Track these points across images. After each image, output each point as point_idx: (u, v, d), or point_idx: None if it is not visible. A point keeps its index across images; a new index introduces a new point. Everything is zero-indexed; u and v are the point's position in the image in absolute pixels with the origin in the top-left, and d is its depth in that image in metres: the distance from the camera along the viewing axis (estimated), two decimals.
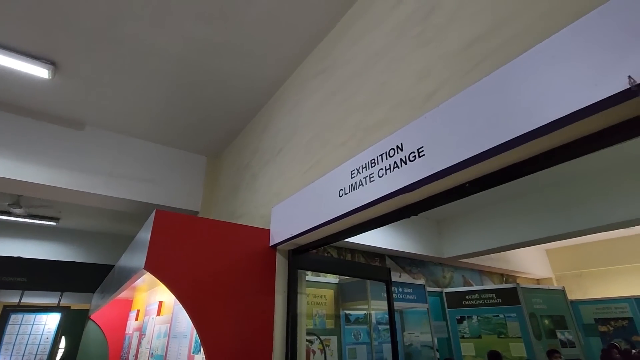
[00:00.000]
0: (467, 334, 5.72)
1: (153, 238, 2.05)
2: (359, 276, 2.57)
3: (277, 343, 2.23)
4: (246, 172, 3.58)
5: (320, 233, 2.14)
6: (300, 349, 2.25)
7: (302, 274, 2.47)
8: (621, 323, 7.67)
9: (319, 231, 2.10)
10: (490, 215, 6.62)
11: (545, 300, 5.70)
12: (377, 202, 1.67)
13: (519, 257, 9.25)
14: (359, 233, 2.02)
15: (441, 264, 7.66)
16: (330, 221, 1.94)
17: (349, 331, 4.77)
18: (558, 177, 5.50)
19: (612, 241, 9.29)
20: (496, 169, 1.37)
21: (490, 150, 1.24)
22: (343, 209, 1.85)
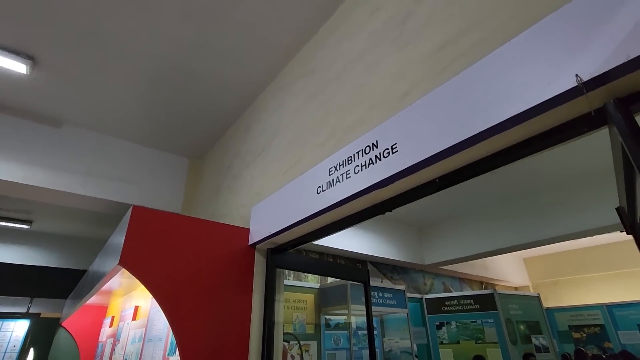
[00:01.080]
0: (446, 339, 5.78)
1: (129, 233, 2.03)
2: (337, 276, 2.60)
3: (253, 343, 2.22)
4: (228, 174, 3.58)
5: (298, 231, 2.16)
6: (277, 349, 2.25)
7: (281, 274, 2.48)
8: (594, 330, 7.91)
9: (297, 229, 2.12)
10: (470, 222, 6.79)
11: (521, 306, 5.84)
12: (353, 197, 1.72)
13: (497, 265, 9.46)
14: (336, 231, 2.06)
15: (422, 271, 7.75)
16: (308, 218, 1.97)
17: (328, 336, 4.75)
18: (535, 185, 5.71)
19: (585, 250, 9.63)
20: (463, 164, 1.44)
21: (458, 145, 1.30)
22: (321, 205, 1.88)
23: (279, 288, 2.38)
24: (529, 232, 5.85)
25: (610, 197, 5.08)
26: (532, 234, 5.82)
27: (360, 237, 6.55)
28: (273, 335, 2.24)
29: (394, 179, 1.54)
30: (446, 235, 7.11)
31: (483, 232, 6.49)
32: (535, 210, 5.84)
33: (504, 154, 1.31)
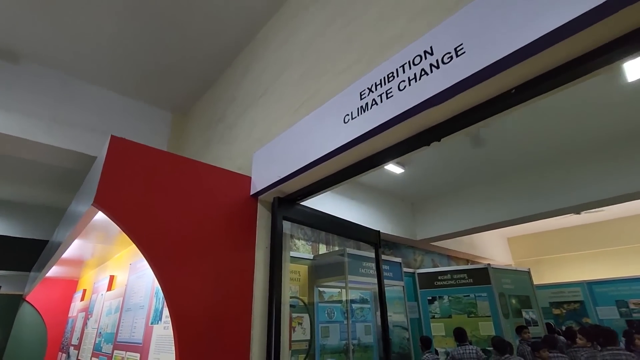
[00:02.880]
0: (437, 314, 5.69)
1: (107, 166, 1.62)
2: (348, 235, 2.28)
3: (257, 305, 1.89)
4: (220, 125, 3.15)
5: (315, 174, 1.81)
6: (284, 314, 1.92)
7: (287, 229, 2.13)
8: (573, 306, 8.12)
9: (314, 171, 1.77)
10: (463, 198, 6.66)
11: (513, 281, 5.81)
12: (395, 121, 1.38)
13: (483, 244, 9.50)
14: (362, 171, 1.72)
15: (413, 247, 7.63)
16: (330, 155, 1.62)
17: (322, 309, 4.52)
18: (525, 162, 5.62)
19: (567, 230, 9.84)
20: (551, 67, 1.12)
21: (544, 39, 0.98)
22: (350, 136, 1.53)
23: (285, 244, 2.03)
24: (519, 208, 5.81)
25: (599, 173, 5.07)
26: (521, 209, 5.78)
27: (353, 208, 6.29)
28: (280, 297, 1.91)
29: (455, 91, 1.21)
30: (438, 210, 6.96)
31: (475, 208, 6.39)
32: (526, 186, 5.78)
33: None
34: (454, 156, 5.52)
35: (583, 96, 4.10)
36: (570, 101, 4.22)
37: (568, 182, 5.42)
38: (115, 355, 2.89)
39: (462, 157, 5.59)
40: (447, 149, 5.23)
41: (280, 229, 2.00)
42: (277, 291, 1.89)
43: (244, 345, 1.76)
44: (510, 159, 5.70)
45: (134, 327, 2.71)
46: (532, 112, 4.39)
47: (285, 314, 1.94)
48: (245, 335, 1.78)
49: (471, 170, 6.08)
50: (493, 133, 4.77)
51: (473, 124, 1.37)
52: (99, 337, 3.54)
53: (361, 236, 2.56)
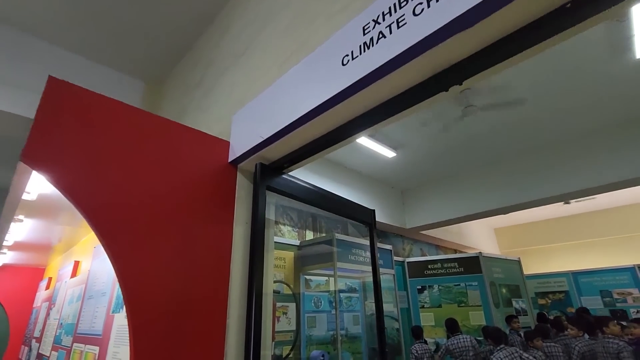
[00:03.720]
0: (427, 303, 5.52)
1: (42, 114, 1.27)
2: (339, 212, 1.99)
3: (234, 290, 1.59)
4: (197, 91, 2.80)
5: (305, 133, 1.51)
6: (267, 299, 1.63)
7: (271, 203, 1.83)
8: (558, 296, 8.13)
9: (305, 129, 1.47)
10: (452, 186, 6.49)
11: (504, 270, 5.69)
12: (409, 55, 1.09)
13: (471, 234, 9.43)
14: (364, 128, 1.44)
15: (401, 236, 7.45)
16: (326, 104, 1.32)
17: (308, 298, 4.26)
18: (515, 150, 5.49)
19: (552, 221, 9.87)
20: None
21: None
22: (351, 78, 1.24)
23: (269, 219, 1.74)
24: (509, 196, 5.68)
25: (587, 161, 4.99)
26: (511, 198, 5.66)
27: (342, 194, 6.00)
28: (262, 280, 1.62)
29: (493, 6, 0.92)
30: (428, 199, 6.78)
31: (465, 196, 6.23)
32: (516, 174, 5.66)
33: None
34: (445, 142, 5.31)
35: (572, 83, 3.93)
36: (559, 88, 4.04)
37: (556, 170, 5.35)
38: (74, 349, 2.55)
39: (453, 143, 5.40)
40: (438, 134, 5.00)
41: (264, 201, 1.70)
42: (259, 274, 1.60)
43: (217, 335, 1.47)
44: (501, 148, 5.58)
45: (94, 317, 2.38)
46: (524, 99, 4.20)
47: (268, 300, 1.65)
48: (220, 324, 1.49)
49: (462, 158, 5.92)
50: (485, 119, 4.58)
51: (504, 60, 1.09)
52: (59, 329, 3.19)
53: (355, 214, 2.28)
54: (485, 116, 4.56)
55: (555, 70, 3.79)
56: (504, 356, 3.45)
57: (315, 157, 1.71)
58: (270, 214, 1.79)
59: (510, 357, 3.43)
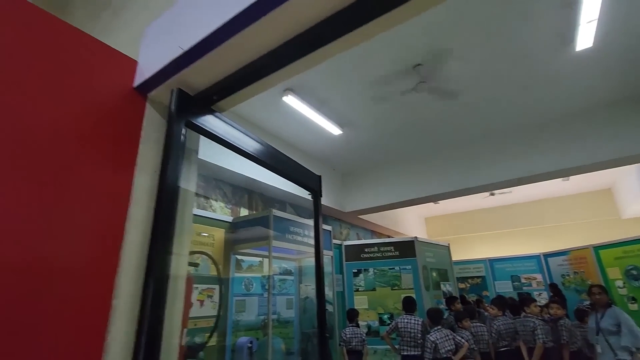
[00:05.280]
0: (362, 287, 5.46)
1: None
2: (280, 171, 1.63)
3: (128, 260, 1.13)
4: (104, 13, 2.17)
5: (237, 50, 1.10)
6: (177, 276, 1.21)
7: (193, 150, 1.39)
8: (476, 281, 8.80)
9: (238, 42, 1.05)
10: (390, 173, 6.51)
11: (435, 255, 5.86)
12: None
13: (406, 221, 9.75)
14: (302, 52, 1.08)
15: (339, 220, 7.33)
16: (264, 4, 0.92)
17: (239, 280, 3.84)
18: (455, 139, 5.65)
19: (475, 212, 10.66)
20: None
21: None
22: None
23: (189, 168, 1.30)
24: (443, 184, 5.88)
25: (513, 154, 5.33)
26: (445, 186, 5.86)
27: None
28: (171, 250, 1.18)
29: None
30: (368, 183, 6.72)
31: (403, 182, 6.29)
32: (449, 164, 5.87)
33: None
34: (391, 125, 5.21)
35: (513, 75, 4.03)
36: (498, 79, 4.13)
37: (484, 162, 5.64)
38: None
39: (398, 128, 5.35)
40: (387, 113, 4.86)
41: (181, 142, 1.24)
42: (166, 242, 1.15)
43: (96, 320, 1.01)
44: (438, 138, 5.70)
45: None
46: (467, 93, 4.22)
47: (179, 278, 1.22)
48: (101, 305, 1.03)
49: (403, 145, 5.93)
50: (430, 108, 4.54)
51: None
52: None
53: (299, 177, 1.92)
54: (430, 104, 4.52)
55: (497, 60, 3.80)
56: (439, 337, 3.45)
57: (251, 92, 1.30)
58: (191, 164, 1.35)
59: (444, 338, 3.44)
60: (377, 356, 4.91)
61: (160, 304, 1.09)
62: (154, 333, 1.02)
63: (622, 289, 6.02)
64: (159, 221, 1.17)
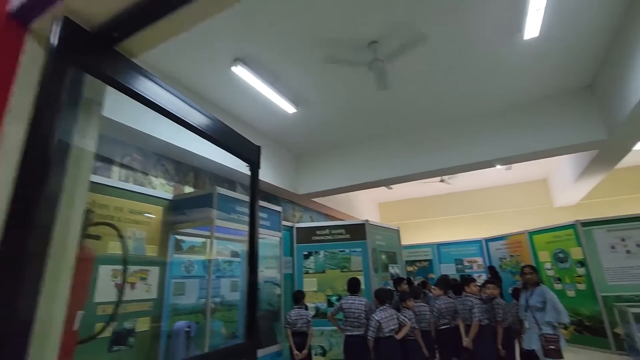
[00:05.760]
0: (311, 269, 5.42)
1: None
2: (210, 137, 1.42)
3: None
4: None
5: None
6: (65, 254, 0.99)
7: (94, 101, 1.16)
8: (424, 264, 9.20)
9: None
10: (345, 156, 6.47)
11: (385, 238, 5.96)
12: None
13: (358, 206, 9.86)
14: None
15: (292, 203, 7.20)
16: None
17: (178, 262, 3.59)
18: (408, 124, 5.72)
19: (426, 198, 11.07)
20: None
21: None
22: None
23: (87, 124, 1.07)
24: (396, 168, 5.97)
25: (464, 142, 5.52)
26: (398, 170, 5.95)
27: None
28: (51, 217, 0.96)
29: None
30: (322, 166, 6.64)
31: (358, 166, 6.29)
32: (404, 149, 5.96)
33: None
34: (345, 105, 5.12)
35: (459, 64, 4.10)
36: (450, 69, 4.18)
37: (436, 147, 5.78)
38: None
39: (353, 108, 5.28)
40: (341, 91, 4.75)
41: (67, 85, 1.00)
42: (33, 207, 0.92)
43: None
44: (392, 122, 5.74)
45: None
46: (419, 79, 4.23)
47: (68, 255, 1.01)
48: None
49: (358, 128, 5.89)
50: (387, 92, 4.51)
51: None
52: None
53: (234, 146, 1.74)
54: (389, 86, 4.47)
55: (450, 45, 3.81)
56: (383, 316, 3.49)
57: (160, 34, 1.09)
58: (89, 117, 1.12)
59: (388, 317, 3.49)
60: (324, 337, 4.93)
61: (29, 287, 0.87)
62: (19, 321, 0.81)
63: (550, 270, 6.58)
64: (24, 184, 0.93)
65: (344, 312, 3.69)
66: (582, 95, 4.79)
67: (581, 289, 5.92)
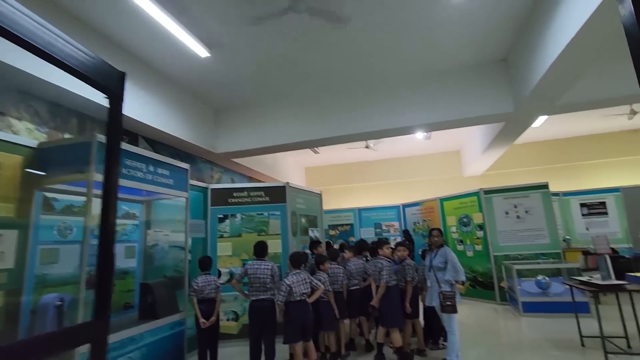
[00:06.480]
0: (227, 233, 5.06)
1: None
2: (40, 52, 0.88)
3: None
4: None
5: None
6: None
7: None
8: (345, 227, 9.45)
9: None
10: (268, 113, 6.04)
11: (306, 201, 5.82)
12: None
13: (284, 169, 9.58)
14: None
15: (211, 162, 6.61)
16: None
17: (48, 224, 2.93)
18: (332, 84, 5.49)
19: (352, 164, 11.23)
20: None
21: None
22: None
23: None
24: (321, 130, 5.78)
25: (389, 105, 5.52)
26: (322, 131, 5.78)
27: (142, 100, 4.52)
28: None
29: None
30: (244, 123, 6.12)
31: (281, 125, 5.93)
32: (329, 110, 5.77)
33: None
34: (268, 53, 4.64)
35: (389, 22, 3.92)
36: (378, 25, 3.98)
37: (362, 111, 5.67)
38: None
39: (277, 60, 4.83)
40: (264, 40, 4.25)
41: None
42: None
43: None
44: (321, 81, 5.44)
45: None
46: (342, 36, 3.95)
47: None
48: None
49: (282, 83, 5.47)
50: (309, 41, 4.14)
51: None
52: None
53: (83, 68, 1.24)
54: (308, 32, 4.09)
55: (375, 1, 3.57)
56: (295, 280, 3.35)
57: None
58: None
59: (300, 281, 3.36)
60: (238, 302, 4.72)
61: None
62: None
63: (454, 233, 7.20)
64: None
65: (249, 277, 3.48)
66: (498, 68, 5.01)
67: (478, 250, 6.59)
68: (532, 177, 9.07)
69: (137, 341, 2.89)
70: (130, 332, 2.84)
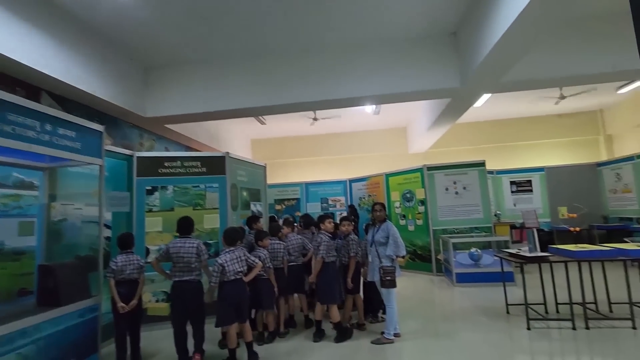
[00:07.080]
0: (156, 206, 4.55)
1: None
2: None
3: None
4: None
5: None
6: None
7: None
8: (291, 202, 9.24)
9: None
10: (207, 74, 5.44)
11: (248, 174, 5.44)
12: None
13: (227, 139, 8.98)
14: None
15: (140, 128, 5.87)
16: None
17: None
18: (276, 49, 5.06)
19: (299, 138, 10.89)
20: None
21: None
22: None
23: None
24: (265, 97, 5.37)
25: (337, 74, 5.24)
26: (266, 99, 5.37)
27: (57, 54, 3.67)
28: None
29: None
30: (178, 84, 5.46)
31: (221, 88, 5.38)
32: (275, 76, 5.34)
33: None
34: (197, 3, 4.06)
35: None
36: None
37: (307, 78, 5.33)
38: None
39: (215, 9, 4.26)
40: None
41: None
42: None
43: None
44: (266, 42, 4.96)
45: None
46: None
47: None
48: None
49: (222, 40, 4.88)
50: None
51: None
52: None
53: None
54: None
55: None
56: (229, 258, 3.06)
57: None
58: None
59: (235, 259, 3.08)
60: (168, 282, 4.31)
61: None
62: None
63: (398, 208, 7.35)
64: None
65: (172, 257, 3.12)
66: (448, 42, 4.93)
67: (419, 224, 6.79)
68: (470, 155, 9.53)
69: (31, 334, 2.42)
70: (21, 323, 2.35)
